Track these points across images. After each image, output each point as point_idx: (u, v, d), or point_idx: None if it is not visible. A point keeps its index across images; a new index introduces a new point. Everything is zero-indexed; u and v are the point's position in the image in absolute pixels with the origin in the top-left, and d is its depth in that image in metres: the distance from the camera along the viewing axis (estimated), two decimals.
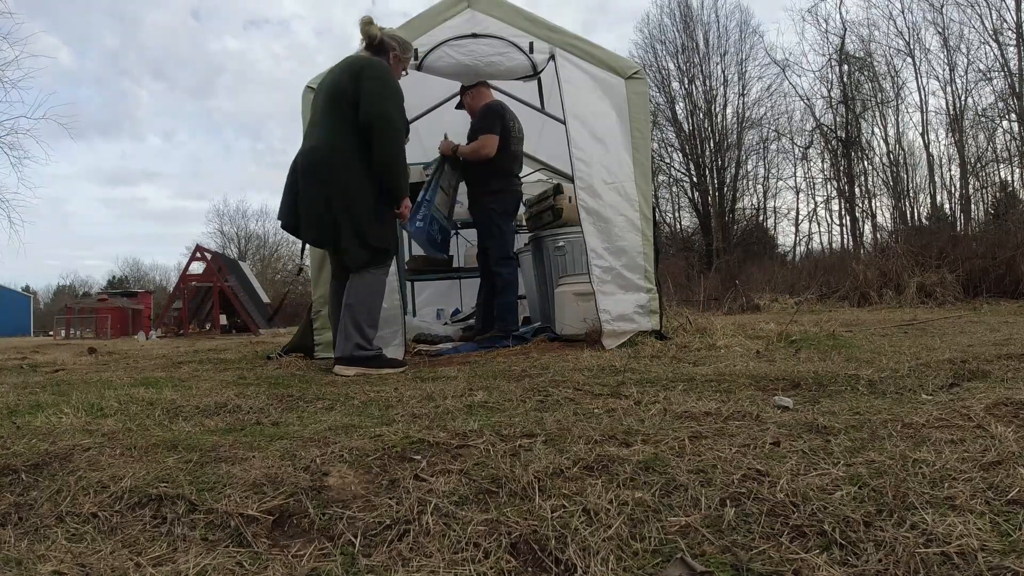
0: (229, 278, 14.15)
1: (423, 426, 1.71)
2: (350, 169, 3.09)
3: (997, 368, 2.33)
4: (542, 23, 4.13)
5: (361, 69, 3.13)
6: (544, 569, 0.94)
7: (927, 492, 1.09)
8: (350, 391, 2.48)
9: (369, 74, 3.11)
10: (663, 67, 23.23)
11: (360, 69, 3.14)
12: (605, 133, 4.02)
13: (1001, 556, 0.87)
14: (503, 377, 2.73)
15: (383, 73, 3.17)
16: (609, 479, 1.23)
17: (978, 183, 16.04)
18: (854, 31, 19.11)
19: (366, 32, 3.28)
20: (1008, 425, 1.49)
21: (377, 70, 3.15)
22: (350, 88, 3.10)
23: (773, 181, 22.40)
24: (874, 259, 11.95)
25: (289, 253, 32.86)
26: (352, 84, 3.10)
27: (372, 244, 3.14)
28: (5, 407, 2.24)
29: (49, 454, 1.51)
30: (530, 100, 4.72)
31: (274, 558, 1.00)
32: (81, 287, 40.07)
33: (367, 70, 3.13)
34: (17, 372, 3.91)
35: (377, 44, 3.30)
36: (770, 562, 0.90)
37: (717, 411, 1.77)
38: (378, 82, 3.11)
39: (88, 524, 1.14)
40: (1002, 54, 15.38)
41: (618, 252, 3.94)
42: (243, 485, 1.26)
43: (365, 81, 3.09)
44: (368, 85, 3.08)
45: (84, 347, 6.79)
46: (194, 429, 1.83)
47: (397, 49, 3.37)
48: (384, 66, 3.22)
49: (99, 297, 19.08)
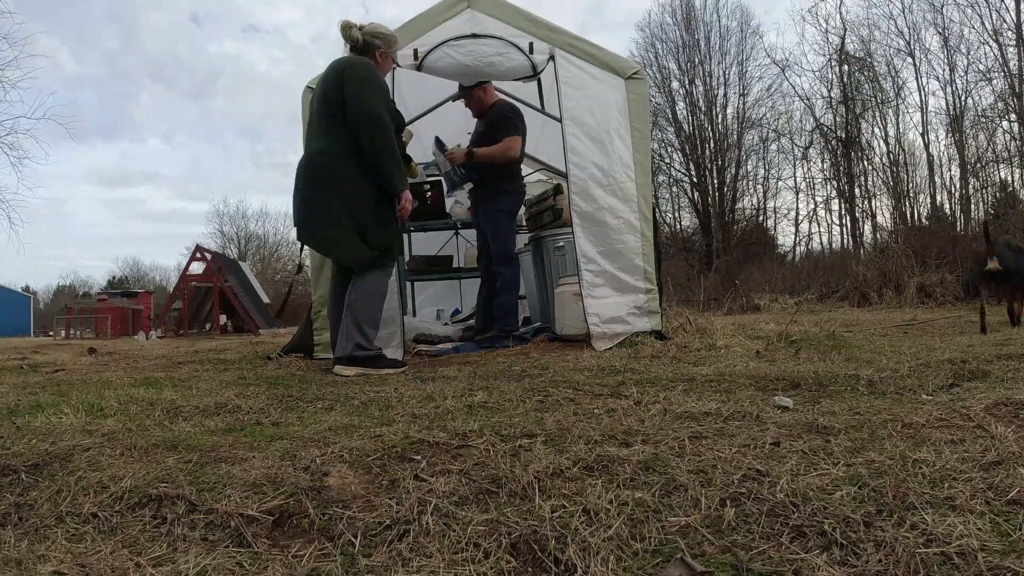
0: (229, 278, 14.15)
1: (423, 426, 1.71)
2: (348, 172, 3.11)
3: (997, 368, 2.33)
4: (542, 23, 4.13)
5: (343, 72, 3.15)
6: (544, 569, 0.94)
7: (927, 492, 1.09)
8: (350, 391, 2.48)
9: (350, 75, 3.13)
10: (664, 67, 23.23)
11: (342, 72, 3.15)
12: (604, 134, 4.02)
13: (1001, 556, 0.87)
14: (503, 377, 2.73)
15: (365, 72, 3.17)
16: (609, 479, 1.23)
17: (978, 183, 16.03)
18: (854, 31, 19.08)
19: (347, 36, 3.32)
20: (1008, 425, 1.49)
21: (359, 70, 3.16)
22: (336, 92, 3.13)
23: (773, 181, 22.39)
24: (874, 259, 11.94)
25: (289, 253, 32.84)
26: (337, 88, 3.13)
27: (375, 245, 3.15)
28: (5, 407, 2.24)
29: (49, 454, 1.51)
30: (530, 100, 4.72)
31: (274, 558, 1.00)
32: (81, 287, 40.04)
33: (348, 71, 3.15)
34: (17, 372, 3.91)
35: (361, 46, 3.32)
36: (770, 562, 0.90)
37: (717, 411, 1.77)
38: (360, 83, 3.12)
39: (88, 524, 1.14)
40: (1002, 54, 15.37)
41: (613, 254, 3.95)
42: (243, 485, 1.26)
43: (347, 83, 3.11)
44: (350, 87, 3.10)
45: (84, 347, 6.79)
46: (194, 429, 1.83)
47: (381, 46, 3.36)
48: (366, 64, 3.22)
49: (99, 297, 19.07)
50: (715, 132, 22.88)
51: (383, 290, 3.26)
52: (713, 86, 22.78)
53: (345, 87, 3.10)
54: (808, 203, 22.55)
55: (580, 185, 3.96)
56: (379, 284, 3.23)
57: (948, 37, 16.56)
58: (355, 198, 3.11)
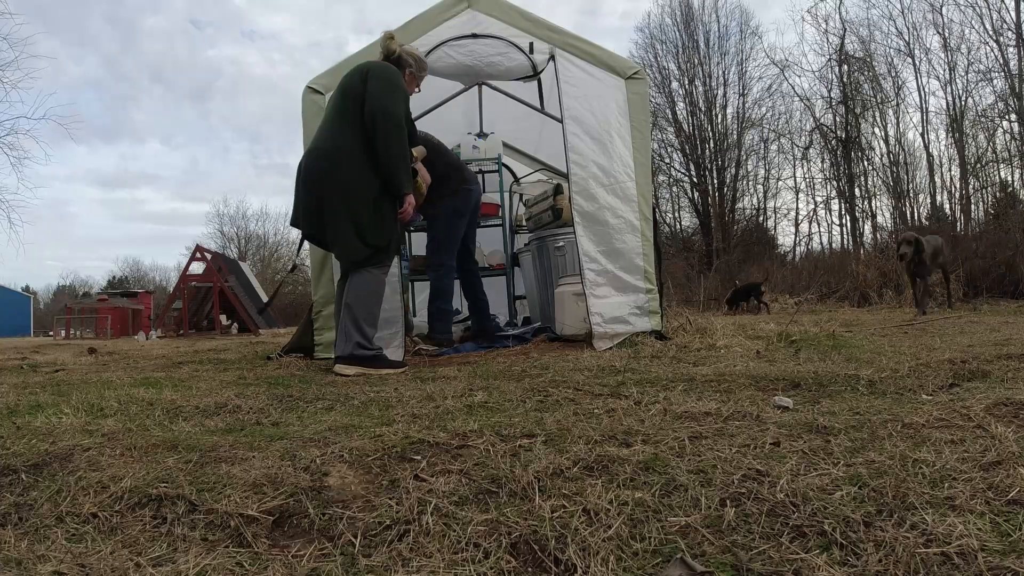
0: (229, 278, 14.13)
1: (423, 426, 1.71)
2: (352, 166, 3.12)
3: (997, 368, 2.33)
4: (542, 23, 4.13)
5: (369, 70, 3.21)
6: (544, 569, 0.94)
7: (927, 492, 1.09)
8: (350, 391, 2.48)
9: (376, 74, 3.19)
10: (663, 67, 23.23)
11: (368, 70, 3.21)
12: (604, 133, 4.03)
13: (1001, 556, 0.87)
14: (503, 377, 2.73)
15: (391, 74, 3.24)
16: (609, 479, 1.23)
17: (978, 183, 16.02)
18: (854, 31, 19.08)
19: (386, 46, 3.41)
20: (1008, 425, 1.49)
21: (386, 71, 3.23)
22: (358, 89, 3.17)
23: (773, 181, 22.38)
24: (874, 259, 11.95)
25: (289, 253, 32.86)
26: (360, 85, 3.17)
27: (370, 242, 3.15)
28: (5, 407, 2.24)
29: (49, 454, 1.51)
30: (530, 100, 4.72)
31: (274, 558, 1.00)
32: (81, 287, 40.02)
33: (375, 70, 3.20)
34: (17, 372, 3.91)
35: (395, 59, 3.40)
36: (770, 562, 0.90)
37: (717, 411, 1.77)
38: (384, 81, 3.17)
39: (88, 524, 1.14)
40: (1002, 54, 15.36)
41: (614, 254, 3.94)
42: (243, 485, 1.26)
43: (371, 80, 3.15)
44: (374, 84, 3.14)
45: (84, 347, 6.78)
46: (194, 429, 1.83)
47: (413, 67, 3.48)
48: (394, 70, 3.30)
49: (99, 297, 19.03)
50: (715, 132, 22.88)
51: (380, 288, 3.27)
52: (713, 86, 22.78)
53: (369, 83, 3.15)
54: (808, 203, 22.54)
55: (581, 184, 3.96)
56: (375, 282, 3.23)
57: (948, 37, 16.56)
58: (354, 194, 3.12)
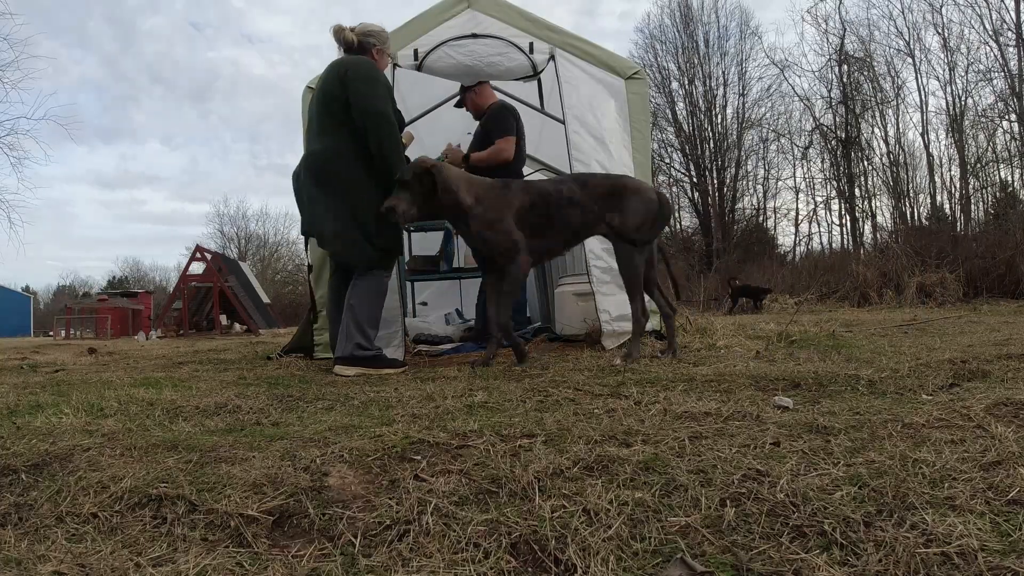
0: (229, 278, 14.14)
1: (423, 426, 1.71)
2: (351, 171, 3.12)
3: (997, 368, 2.33)
4: (542, 23, 4.13)
5: (346, 71, 3.16)
6: (544, 569, 0.94)
7: (927, 492, 1.09)
8: (350, 391, 2.48)
9: (354, 75, 3.14)
10: (663, 67, 23.25)
11: (345, 71, 3.16)
12: (605, 133, 4.02)
13: (1001, 556, 0.87)
14: (503, 377, 2.73)
15: (368, 68, 3.19)
16: (609, 479, 1.23)
17: (978, 183, 16.03)
18: (854, 31, 19.09)
19: (340, 39, 3.34)
20: (1008, 425, 1.49)
21: (362, 69, 3.18)
22: (339, 92, 3.13)
23: (773, 181, 22.39)
24: (874, 259, 11.96)
25: (289, 254, 32.89)
26: (340, 88, 3.13)
27: (379, 245, 3.16)
28: (5, 407, 2.24)
29: (49, 454, 1.51)
30: (530, 100, 4.71)
31: (274, 558, 1.00)
32: (81, 287, 40.05)
33: (351, 71, 3.15)
34: (17, 372, 3.91)
35: (357, 47, 3.34)
36: (770, 562, 0.90)
37: (717, 411, 1.77)
38: (365, 81, 3.13)
39: (88, 524, 1.14)
40: (1002, 54, 15.37)
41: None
42: (243, 485, 1.26)
43: (351, 82, 3.11)
44: (355, 86, 3.11)
45: (84, 347, 6.78)
46: (194, 429, 1.83)
47: (376, 43, 3.38)
48: (368, 63, 3.24)
49: (99, 297, 19.04)
50: (715, 132, 22.90)
51: (384, 290, 3.27)
52: (712, 86, 22.81)
53: (349, 86, 3.11)
54: (808, 203, 22.55)
55: None
56: (380, 284, 3.24)
57: (948, 37, 16.58)
58: (358, 198, 3.13)
